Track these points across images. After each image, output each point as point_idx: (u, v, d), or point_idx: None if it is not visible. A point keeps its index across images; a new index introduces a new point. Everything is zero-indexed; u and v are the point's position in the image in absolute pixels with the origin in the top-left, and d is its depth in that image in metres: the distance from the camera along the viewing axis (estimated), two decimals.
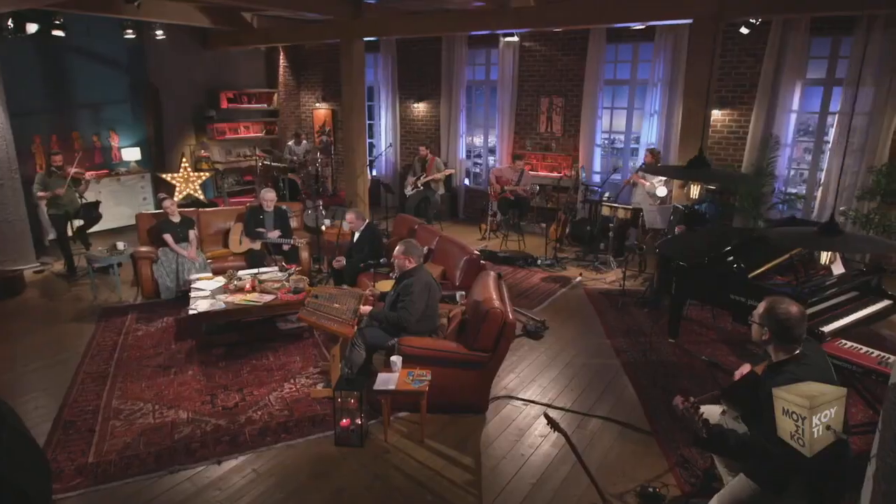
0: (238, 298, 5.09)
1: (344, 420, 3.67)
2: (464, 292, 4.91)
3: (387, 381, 3.67)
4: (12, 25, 6.59)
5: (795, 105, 7.29)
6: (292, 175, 10.20)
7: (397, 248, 4.22)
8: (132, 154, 9.33)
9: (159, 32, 8.96)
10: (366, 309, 4.19)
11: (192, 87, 10.32)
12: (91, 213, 7.09)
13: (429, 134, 10.52)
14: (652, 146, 7.89)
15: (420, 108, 10.56)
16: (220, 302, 5.03)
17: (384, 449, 3.69)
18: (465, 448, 3.72)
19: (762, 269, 4.20)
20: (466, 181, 10.36)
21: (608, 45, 8.42)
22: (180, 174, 9.85)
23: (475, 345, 3.88)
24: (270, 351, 5.02)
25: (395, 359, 3.77)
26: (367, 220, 6.06)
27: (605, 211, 7.06)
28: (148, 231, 6.49)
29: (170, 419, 3.96)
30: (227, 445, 3.67)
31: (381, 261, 5.17)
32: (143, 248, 6.21)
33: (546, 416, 2.62)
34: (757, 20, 6.61)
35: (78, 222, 7.07)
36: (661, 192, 6.74)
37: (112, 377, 4.56)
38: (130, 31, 8.55)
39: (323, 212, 8.61)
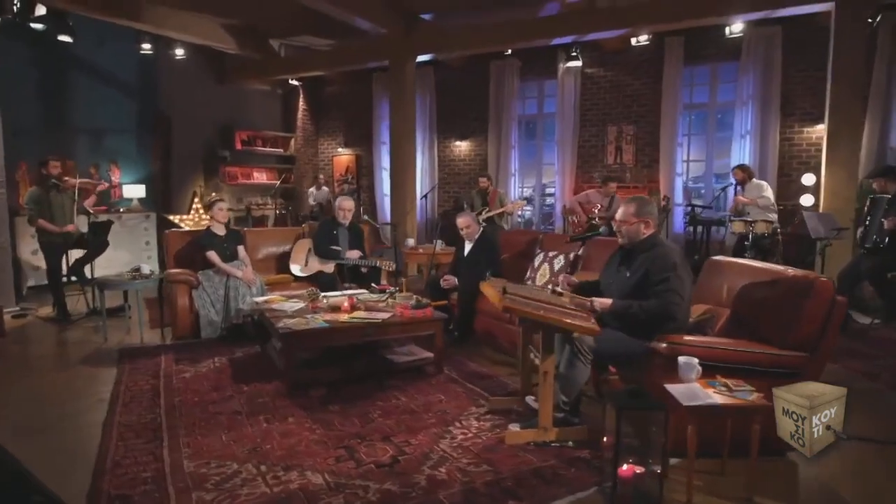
0: (343, 317, 3.56)
1: (625, 466, 2.14)
2: None
3: (692, 393, 2.19)
4: (18, 5, 5.27)
5: None
6: (314, 223, 8.82)
7: (624, 207, 2.86)
8: (135, 191, 7.78)
9: (179, 51, 7.80)
10: (604, 302, 2.75)
11: (206, 122, 9.01)
12: (99, 237, 5.40)
13: (472, 176, 9.41)
14: (742, 164, 6.91)
15: (462, 147, 9.53)
16: (320, 320, 3.48)
17: None
18: None
19: None
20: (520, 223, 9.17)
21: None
22: (190, 216, 8.33)
23: (788, 338, 2.48)
24: (395, 389, 3.42)
25: (688, 360, 2.31)
26: (482, 227, 4.71)
27: (737, 228, 5.91)
28: (176, 254, 4.94)
29: (296, 485, 2.32)
30: None
31: (602, 228, 3.77)
32: (179, 270, 4.62)
33: None
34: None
35: (77, 253, 5.38)
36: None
37: (168, 429, 2.88)
38: (147, 45, 7.38)
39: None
